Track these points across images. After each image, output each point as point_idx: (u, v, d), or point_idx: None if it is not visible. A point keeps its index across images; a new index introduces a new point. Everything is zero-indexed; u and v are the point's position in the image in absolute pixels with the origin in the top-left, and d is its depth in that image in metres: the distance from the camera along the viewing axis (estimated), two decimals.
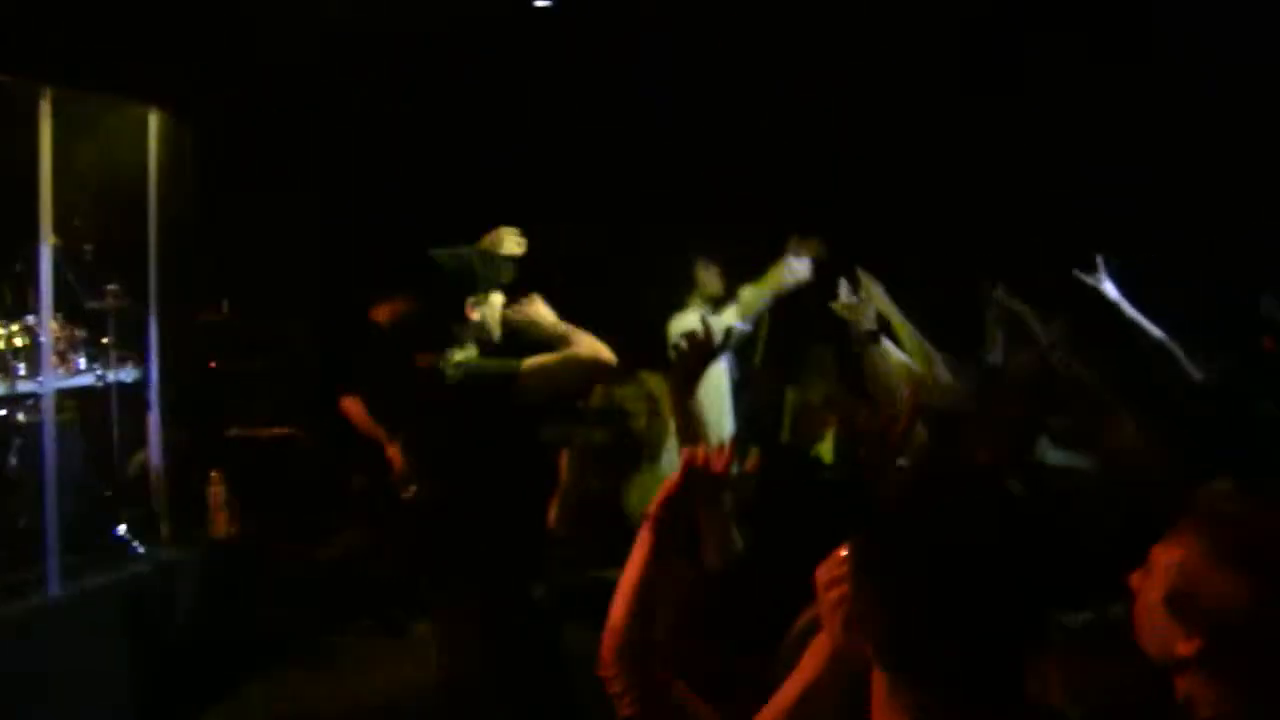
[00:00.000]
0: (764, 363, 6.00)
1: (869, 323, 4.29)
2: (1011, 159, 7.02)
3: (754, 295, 5.59)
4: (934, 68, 7.24)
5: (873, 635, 1.50)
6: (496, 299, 4.00)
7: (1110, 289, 3.86)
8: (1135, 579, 1.86)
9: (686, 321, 5.73)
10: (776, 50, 7.38)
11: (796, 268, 5.17)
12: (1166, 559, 1.80)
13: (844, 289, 4.41)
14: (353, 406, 6.10)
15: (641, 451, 4.53)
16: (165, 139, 6.42)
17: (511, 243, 4.12)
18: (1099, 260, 3.94)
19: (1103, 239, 4.13)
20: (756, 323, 5.76)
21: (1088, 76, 6.98)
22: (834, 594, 1.64)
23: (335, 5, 6.65)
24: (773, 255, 5.59)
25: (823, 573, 1.68)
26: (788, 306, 5.72)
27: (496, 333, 3.99)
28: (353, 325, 6.20)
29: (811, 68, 7.35)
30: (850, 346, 4.43)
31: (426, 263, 4.02)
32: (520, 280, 4.10)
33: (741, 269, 5.88)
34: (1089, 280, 3.90)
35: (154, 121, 6.38)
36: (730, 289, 5.89)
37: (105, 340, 6.12)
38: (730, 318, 5.58)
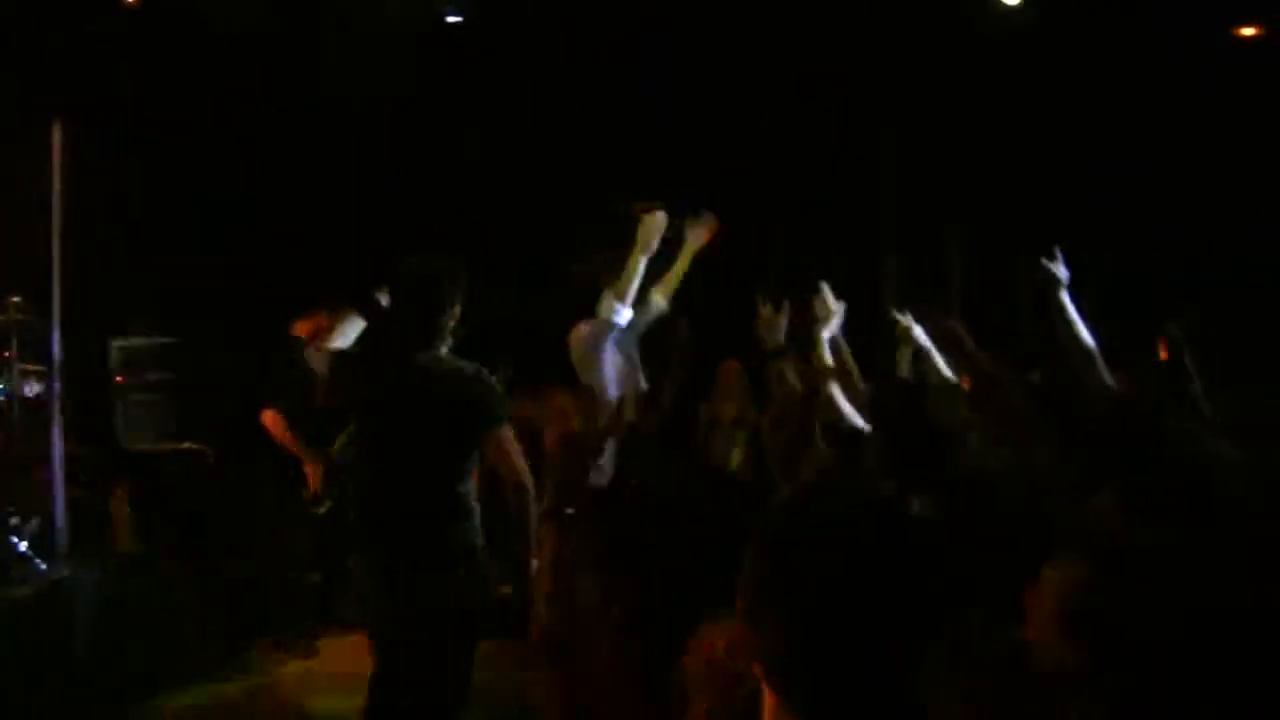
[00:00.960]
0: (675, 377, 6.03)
1: (779, 338, 4.32)
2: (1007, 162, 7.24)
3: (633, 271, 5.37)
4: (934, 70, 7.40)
5: (761, 655, 1.50)
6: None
7: (1065, 278, 3.91)
8: (1028, 597, 1.89)
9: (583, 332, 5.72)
10: (768, 50, 7.48)
11: (649, 221, 5.13)
12: (1056, 576, 1.83)
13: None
14: (272, 421, 6.07)
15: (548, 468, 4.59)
16: (71, 150, 6.32)
17: None
18: (1057, 251, 3.99)
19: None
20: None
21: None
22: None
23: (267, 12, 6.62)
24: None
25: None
26: (702, 323, 5.79)
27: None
28: (267, 339, 6.18)
29: (805, 69, 7.48)
30: (763, 363, 4.49)
31: (352, 275, 4.15)
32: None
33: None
34: (1051, 268, 3.93)
35: (57, 133, 6.28)
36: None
37: (8, 354, 6.01)
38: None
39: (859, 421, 4.00)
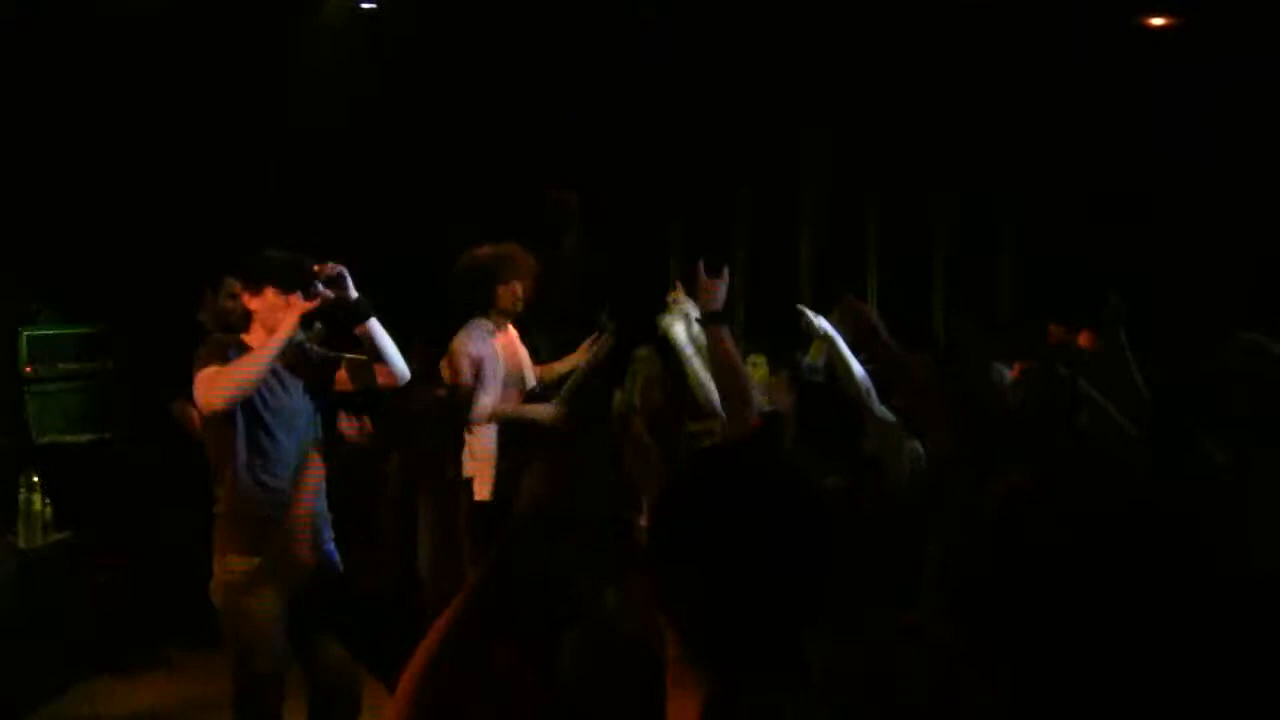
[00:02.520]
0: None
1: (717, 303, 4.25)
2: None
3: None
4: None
5: (666, 605, 1.52)
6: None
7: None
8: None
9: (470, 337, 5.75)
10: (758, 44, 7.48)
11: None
12: (939, 551, 1.87)
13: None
14: (189, 411, 6.00)
15: None
16: None
17: None
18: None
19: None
20: None
21: None
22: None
23: None
24: None
25: None
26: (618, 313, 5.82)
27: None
28: (179, 327, 6.09)
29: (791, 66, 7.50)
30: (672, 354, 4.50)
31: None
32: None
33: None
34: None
35: None
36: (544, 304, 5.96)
37: None
38: None
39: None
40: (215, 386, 3.97)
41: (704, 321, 3.87)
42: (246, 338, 4.18)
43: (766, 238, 8.06)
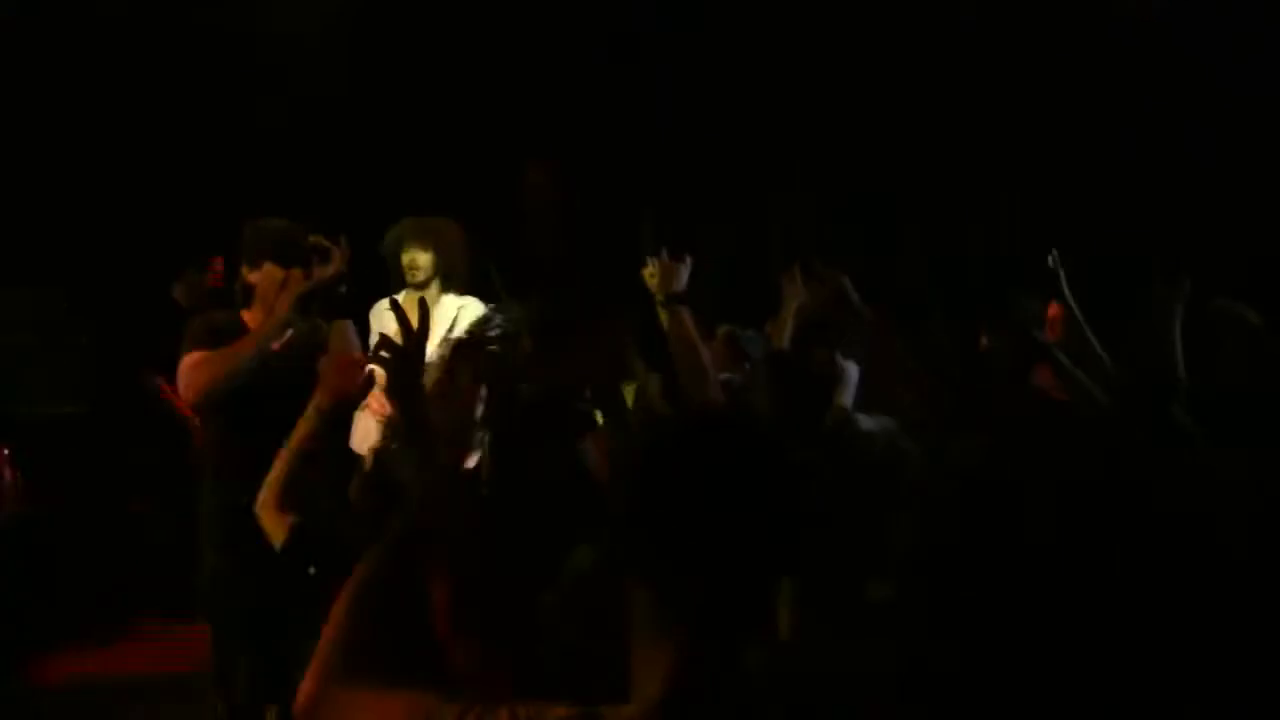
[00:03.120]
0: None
1: (679, 285, 4.26)
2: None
3: None
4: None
5: (637, 573, 1.53)
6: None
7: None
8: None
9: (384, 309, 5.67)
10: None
11: None
12: (903, 522, 1.88)
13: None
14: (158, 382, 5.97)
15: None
16: None
17: None
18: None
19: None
20: None
21: None
22: None
23: None
24: None
25: None
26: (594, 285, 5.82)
27: None
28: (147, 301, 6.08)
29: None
30: (653, 326, 4.50)
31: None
32: None
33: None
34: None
35: None
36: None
37: None
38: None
39: None
40: (199, 374, 3.60)
41: (666, 302, 3.87)
42: (247, 315, 3.82)
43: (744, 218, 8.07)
